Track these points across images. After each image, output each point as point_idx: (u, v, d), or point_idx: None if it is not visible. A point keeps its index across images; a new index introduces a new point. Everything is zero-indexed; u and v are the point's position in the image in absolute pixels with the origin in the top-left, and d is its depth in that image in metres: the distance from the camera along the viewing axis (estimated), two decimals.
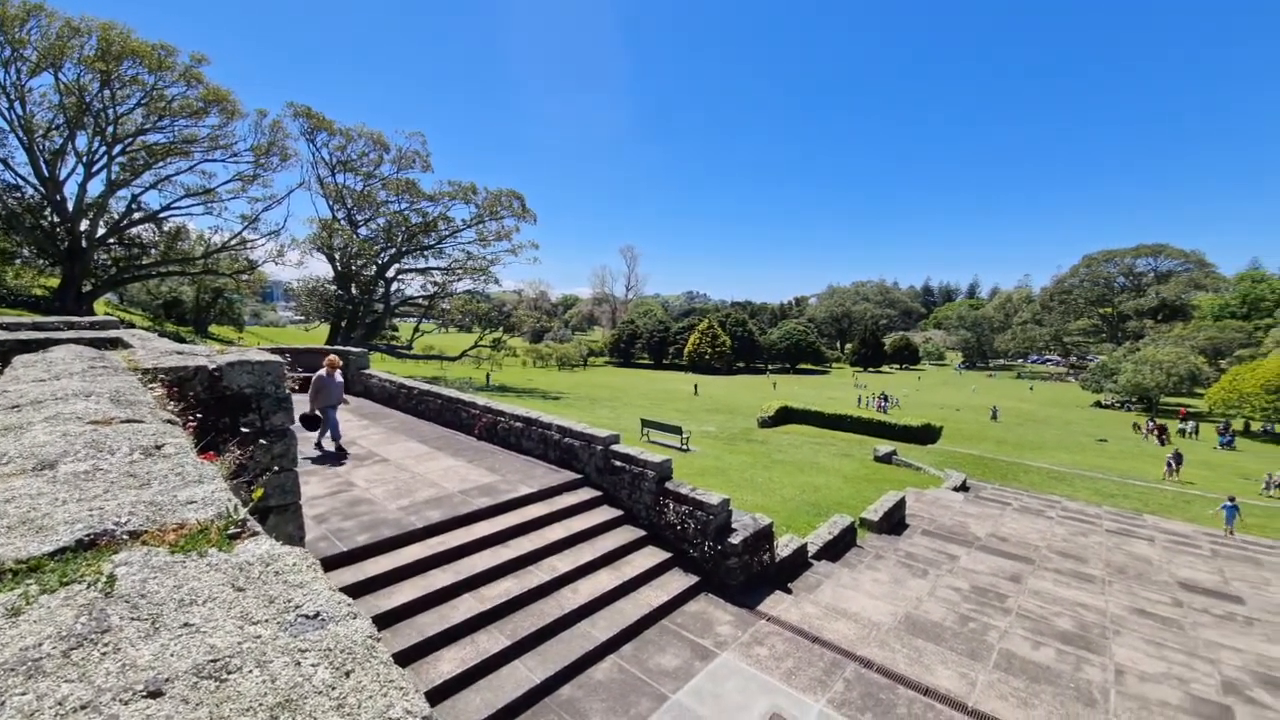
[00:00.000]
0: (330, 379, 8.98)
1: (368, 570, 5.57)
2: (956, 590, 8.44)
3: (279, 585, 1.03)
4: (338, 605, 0.98)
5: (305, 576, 1.06)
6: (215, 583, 1.06)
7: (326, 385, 8.95)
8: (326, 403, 8.96)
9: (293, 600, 1.00)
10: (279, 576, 1.06)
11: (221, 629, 0.93)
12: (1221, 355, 63.12)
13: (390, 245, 43.27)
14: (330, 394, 8.99)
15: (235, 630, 0.93)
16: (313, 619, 0.94)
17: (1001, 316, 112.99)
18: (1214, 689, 6.22)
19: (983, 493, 17.19)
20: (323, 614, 0.96)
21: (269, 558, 1.13)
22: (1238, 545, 13.66)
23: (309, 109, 37.52)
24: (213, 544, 1.20)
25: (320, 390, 8.93)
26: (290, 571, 1.08)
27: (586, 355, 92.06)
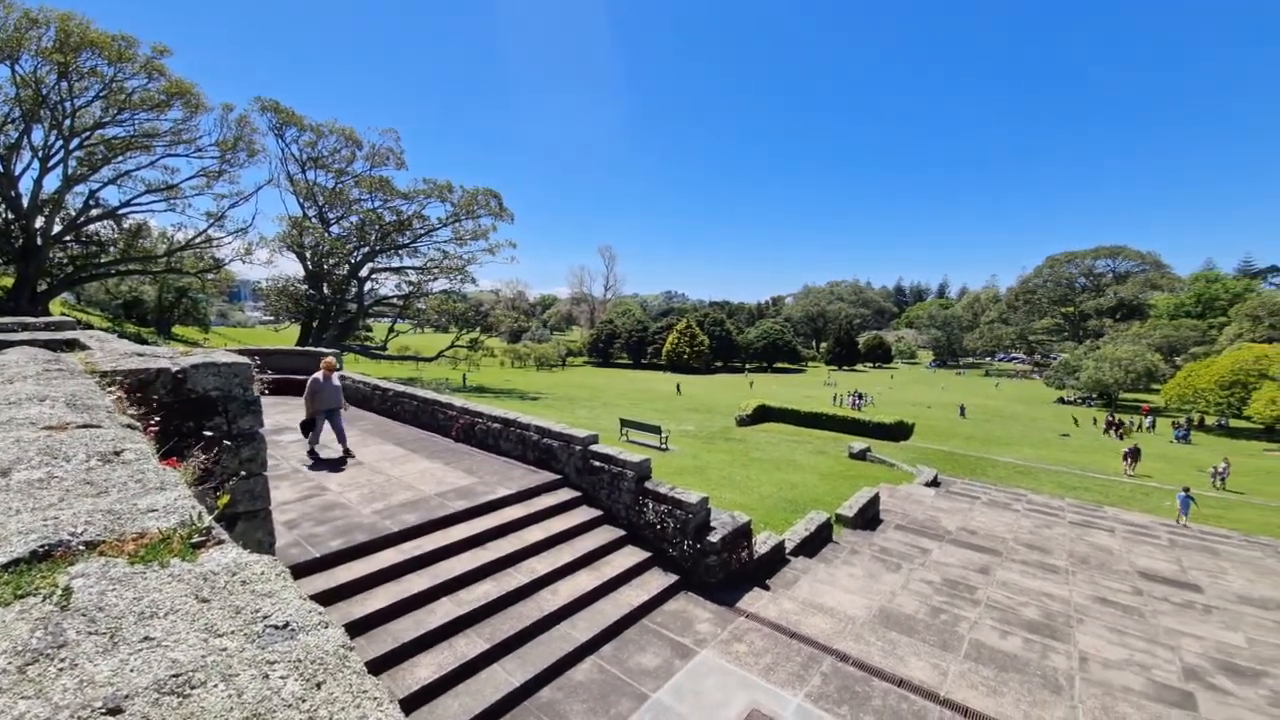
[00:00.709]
0: (327, 382, 8.59)
1: (341, 577, 5.45)
2: (929, 583, 8.63)
3: (246, 595, 1.00)
4: (308, 614, 0.95)
5: (274, 585, 1.03)
6: (178, 594, 1.02)
7: (322, 389, 8.55)
8: (322, 407, 8.59)
9: (260, 610, 0.96)
10: (246, 586, 1.03)
11: (184, 642, 0.90)
12: (1177, 352, 65.90)
13: (363, 244, 42.40)
14: (326, 398, 8.60)
15: (199, 643, 0.90)
16: (282, 629, 0.92)
17: (970, 316, 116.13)
18: (1175, 675, 6.49)
19: (953, 487, 17.63)
20: (292, 624, 0.93)
21: (235, 567, 1.10)
22: (1195, 535, 14.27)
23: (277, 103, 36.54)
24: (175, 554, 1.16)
25: (315, 394, 8.54)
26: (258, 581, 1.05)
27: (565, 355, 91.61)
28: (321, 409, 8.61)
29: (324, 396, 8.58)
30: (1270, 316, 60.96)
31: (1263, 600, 9.53)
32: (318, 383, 8.57)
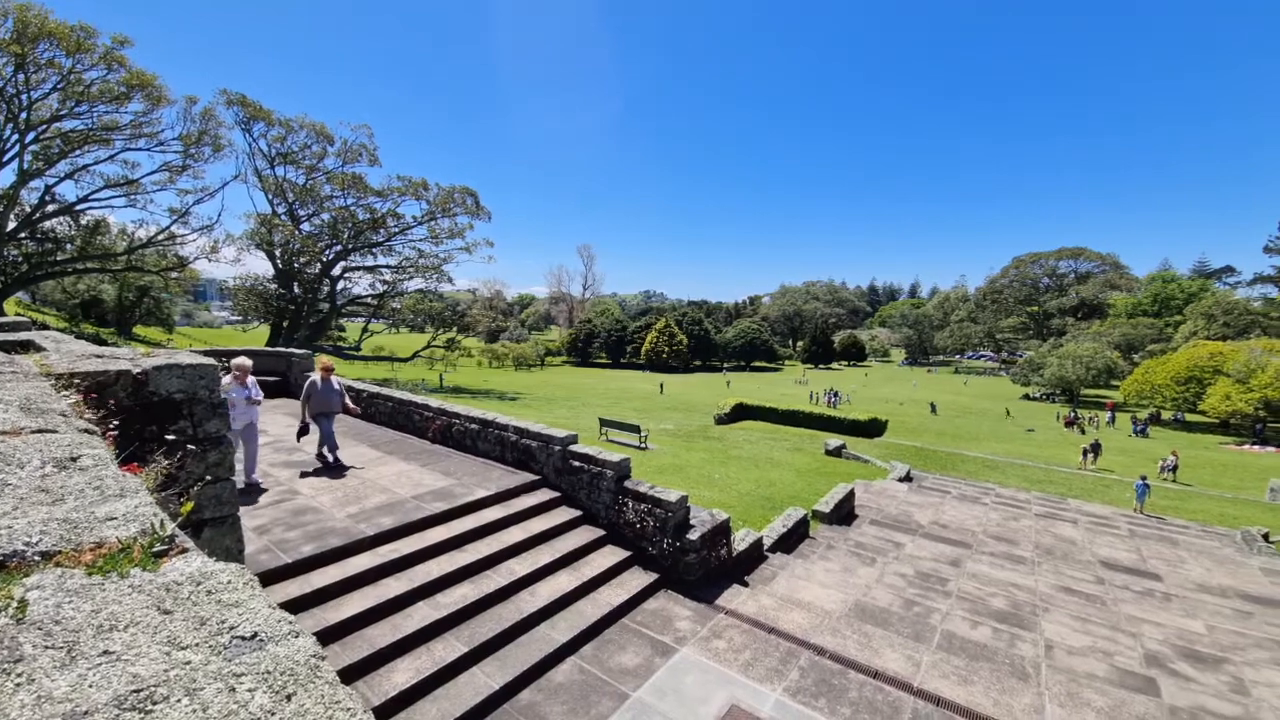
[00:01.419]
0: (326, 385, 8.17)
1: (314, 582, 5.32)
2: (902, 576, 8.82)
3: (211, 605, 0.97)
4: (277, 624, 0.92)
5: (241, 595, 0.99)
6: (138, 605, 0.98)
7: (319, 392, 8.11)
8: (319, 410, 8.15)
9: (226, 621, 0.93)
10: (211, 596, 0.99)
11: (146, 656, 0.87)
12: (1135, 350, 68.60)
13: (336, 242, 41.46)
14: (322, 401, 8.14)
15: (161, 657, 0.87)
16: (249, 640, 0.89)
17: (940, 315, 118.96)
18: (1137, 661, 6.74)
19: (925, 482, 18.03)
20: (260, 634, 0.90)
21: (200, 576, 1.06)
22: (1154, 526, 14.86)
23: (244, 97, 35.49)
24: (136, 563, 1.12)
25: (311, 397, 8.10)
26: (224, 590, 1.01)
27: (544, 355, 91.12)
28: (318, 413, 8.16)
29: (321, 399, 8.14)
30: (1224, 315, 63.79)
31: (1220, 589, 9.97)
32: (314, 385, 8.16)
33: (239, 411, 7.06)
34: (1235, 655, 7.13)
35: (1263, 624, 8.39)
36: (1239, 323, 61.81)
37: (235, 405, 7.01)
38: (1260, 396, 40.17)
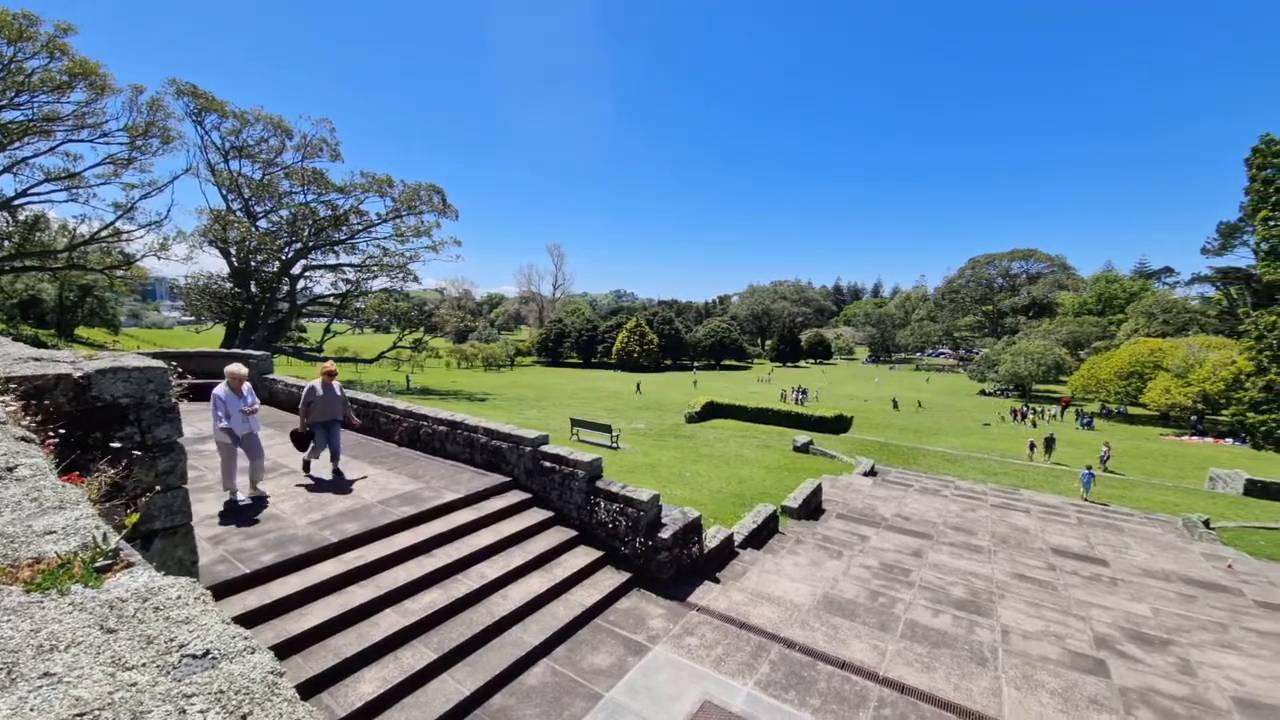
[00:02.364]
0: (325, 390, 7.68)
1: (274, 592, 5.14)
2: (868, 568, 9.06)
3: (159, 623, 0.92)
4: (231, 640, 0.89)
5: (192, 610, 0.95)
6: (80, 624, 0.93)
7: (319, 398, 7.60)
8: (319, 419, 7.64)
9: (176, 639, 0.89)
10: (159, 613, 0.94)
11: (89, 677, 0.82)
12: (1081, 346, 72.10)
13: (295, 239, 40.02)
14: (324, 407, 7.64)
15: (105, 678, 0.82)
16: (201, 658, 0.85)
17: (901, 314, 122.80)
18: (1087, 644, 7.08)
19: (888, 476, 18.55)
20: (213, 651, 0.86)
21: (146, 592, 1.01)
22: (1100, 514, 15.63)
23: (194, 87, 33.90)
24: (77, 579, 1.06)
25: (312, 404, 7.58)
26: (173, 606, 0.97)
27: (513, 355, 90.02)
28: (318, 420, 7.63)
29: (321, 406, 7.60)
30: (1163, 313, 67.57)
31: (1164, 573, 10.55)
32: (314, 391, 7.65)
33: (237, 422, 6.72)
34: (1181, 637, 7.56)
35: (1206, 607, 8.93)
36: (1177, 320, 65.58)
37: (232, 415, 6.69)
38: (1198, 390, 42.65)
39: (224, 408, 6.62)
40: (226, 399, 6.66)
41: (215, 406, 6.61)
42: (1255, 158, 12.90)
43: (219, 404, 6.62)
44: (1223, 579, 10.44)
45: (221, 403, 6.63)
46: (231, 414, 6.63)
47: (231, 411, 6.65)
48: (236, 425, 6.68)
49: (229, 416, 6.65)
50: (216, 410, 6.59)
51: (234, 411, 6.66)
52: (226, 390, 6.73)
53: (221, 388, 6.76)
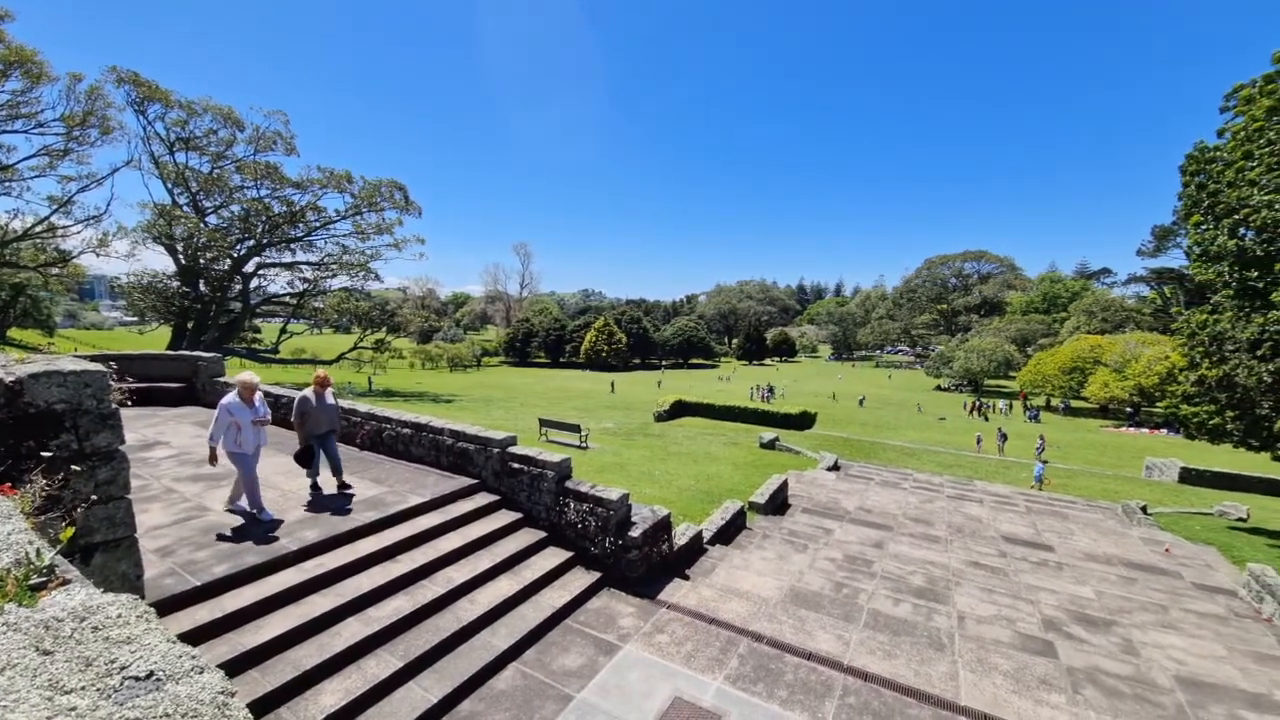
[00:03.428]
0: (320, 400, 7.20)
1: (228, 605, 4.92)
2: (832, 560, 9.28)
3: (98, 643, 0.86)
4: (177, 660, 0.84)
5: (134, 629, 0.90)
6: (14, 646, 0.87)
7: (314, 409, 7.14)
8: (316, 431, 7.19)
9: (117, 660, 0.83)
10: (99, 633, 0.89)
11: (25, 702, 0.77)
12: (1028, 343, 75.69)
13: (248, 236, 38.36)
14: (319, 419, 7.19)
15: (43, 703, 0.77)
16: (144, 680, 0.80)
17: (862, 313, 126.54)
18: (1037, 626, 7.43)
19: (851, 470, 19.06)
20: (158, 673, 0.81)
21: (85, 610, 0.95)
22: (1046, 502, 16.42)
23: (137, 75, 32.10)
24: (10, 598, 0.99)
25: (306, 415, 7.11)
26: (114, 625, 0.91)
27: (480, 355, 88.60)
28: (316, 433, 7.19)
29: (317, 417, 7.15)
30: (1102, 312, 71.54)
31: (1106, 557, 11.15)
32: (307, 402, 7.11)
33: (247, 434, 6.28)
34: (1123, 618, 8.01)
35: (1145, 589, 9.48)
36: (1115, 318, 69.52)
37: (242, 427, 6.25)
38: (1134, 384, 45.32)
39: (233, 420, 6.16)
40: (236, 410, 6.21)
41: (221, 418, 6.12)
42: (1189, 164, 13.75)
43: (226, 415, 6.14)
44: (1161, 562, 11.11)
45: (229, 414, 6.16)
46: (243, 426, 6.20)
47: (243, 424, 6.21)
48: (248, 439, 6.26)
49: (240, 429, 6.20)
50: (223, 423, 6.11)
51: (245, 424, 6.23)
52: (236, 401, 6.27)
53: (231, 398, 6.28)
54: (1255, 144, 11.54)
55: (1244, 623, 8.19)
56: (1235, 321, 12.51)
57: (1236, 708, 5.69)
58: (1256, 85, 11.94)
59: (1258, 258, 11.76)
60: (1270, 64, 11.50)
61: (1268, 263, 11.53)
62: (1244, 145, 11.88)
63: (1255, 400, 12.16)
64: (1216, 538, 13.54)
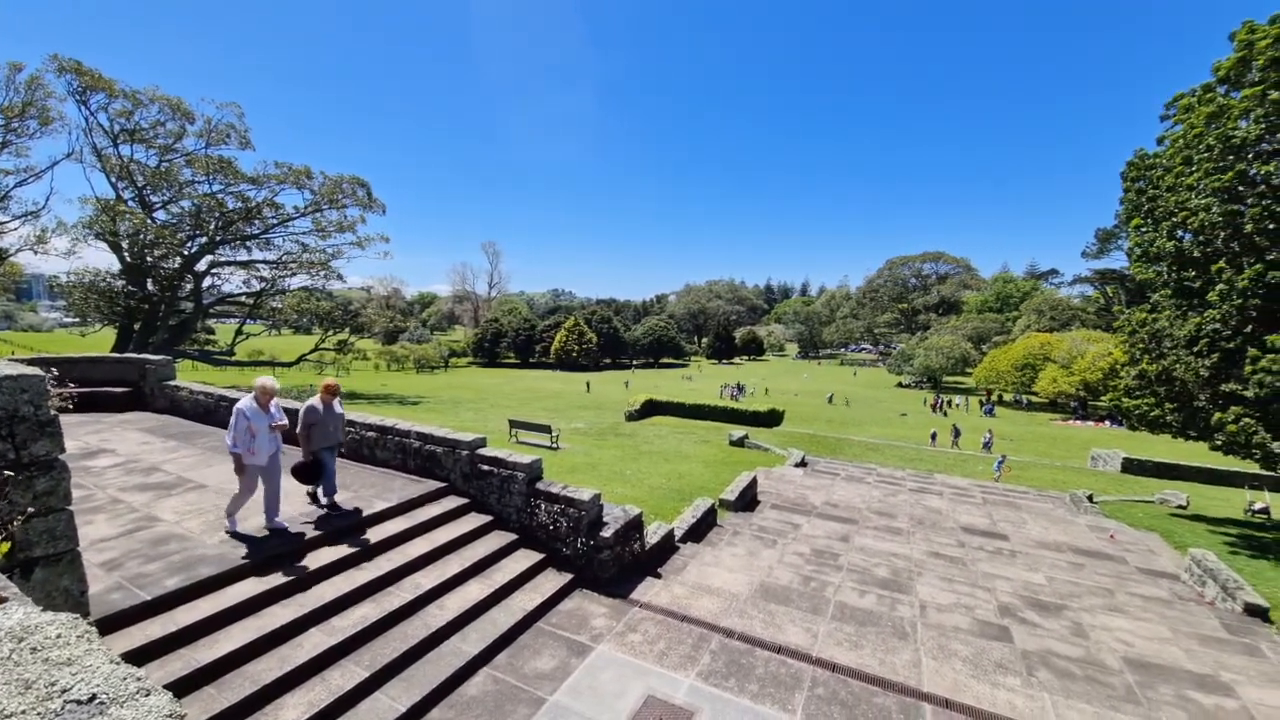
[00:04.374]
0: (328, 410, 6.81)
1: (182, 619, 4.71)
2: (800, 555, 9.47)
3: (37, 665, 0.81)
4: (121, 681, 0.79)
5: (75, 650, 0.84)
6: None
7: (322, 419, 6.73)
8: (325, 443, 6.79)
9: (58, 683, 0.78)
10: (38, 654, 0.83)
11: None
12: (983, 341, 78.77)
13: (200, 233, 36.66)
14: (328, 430, 6.80)
15: None
16: (86, 704, 0.75)
17: (827, 312, 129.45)
18: (993, 612, 7.74)
19: (818, 466, 19.47)
20: (100, 696, 0.76)
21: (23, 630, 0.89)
22: (1000, 493, 17.10)
23: (79, 64, 30.31)
24: None
25: (314, 426, 6.68)
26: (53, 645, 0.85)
27: (448, 356, 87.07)
28: (324, 445, 6.79)
29: (325, 428, 6.77)
30: (1051, 310, 74.99)
31: (1056, 544, 11.69)
32: (315, 411, 6.69)
33: (261, 441, 5.95)
34: (1073, 602, 8.41)
35: (1093, 574, 9.97)
36: (1062, 316, 72.96)
37: (257, 434, 5.92)
38: (1080, 379, 47.62)
39: (250, 425, 5.84)
40: (253, 415, 5.89)
41: (239, 424, 5.79)
42: (1130, 170, 14.54)
43: (244, 421, 5.81)
44: (1107, 548, 11.72)
45: (246, 419, 5.83)
46: (258, 433, 5.89)
47: (258, 430, 5.90)
48: (263, 446, 5.95)
49: (255, 436, 5.87)
50: (241, 428, 5.78)
51: (261, 430, 5.93)
52: (253, 405, 5.94)
53: (247, 401, 5.95)
54: (1194, 150, 12.25)
55: (1187, 605, 8.71)
56: (1173, 319, 13.28)
57: (1184, 688, 6.01)
58: (1196, 94, 12.69)
59: (1194, 259, 12.50)
60: (1209, 74, 12.25)
61: (1204, 263, 12.27)
62: (1183, 151, 12.61)
63: (1192, 393, 12.93)
64: (1158, 524, 14.36)
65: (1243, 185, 11.25)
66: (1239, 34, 11.60)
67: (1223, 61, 11.88)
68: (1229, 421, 11.53)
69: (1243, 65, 11.50)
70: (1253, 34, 11.27)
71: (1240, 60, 11.49)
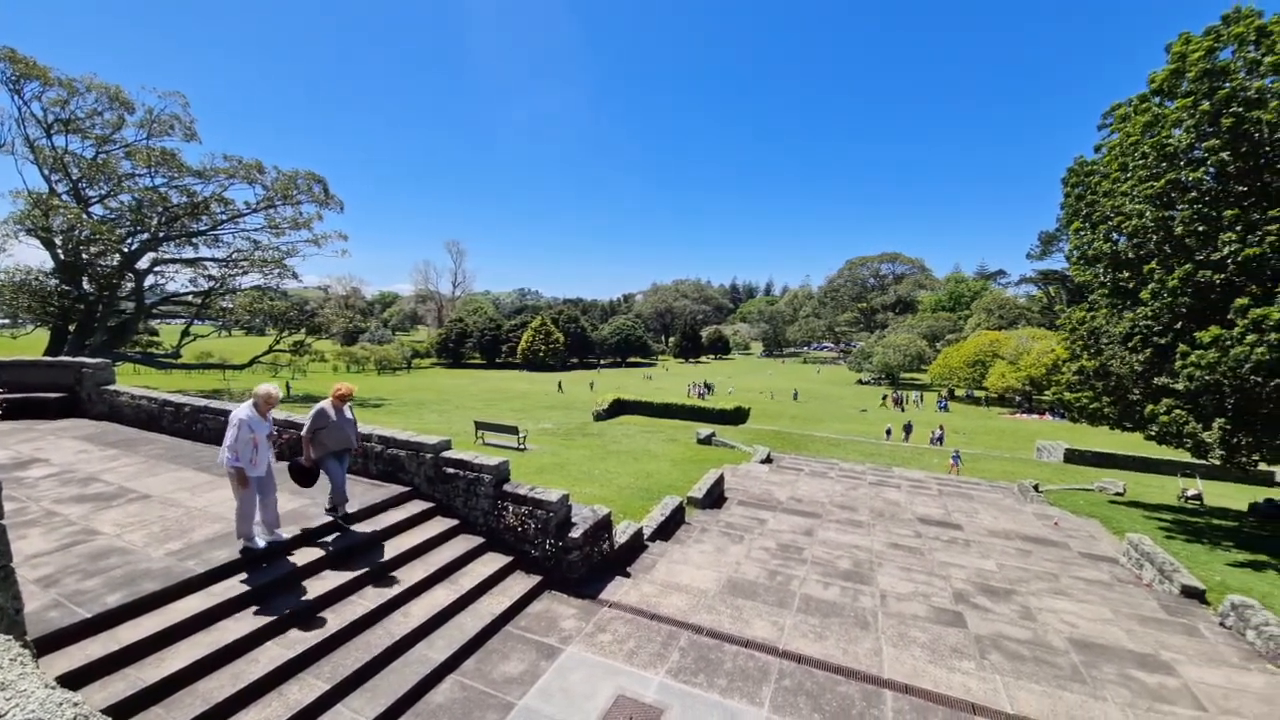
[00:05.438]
0: (337, 415, 6.59)
1: (125, 637, 4.48)
2: (767, 550, 9.66)
3: None
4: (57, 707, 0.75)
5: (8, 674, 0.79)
6: None
7: (333, 423, 6.52)
8: (333, 448, 6.59)
9: None
10: None
11: None
12: (938, 339, 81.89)
13: (141, 229, 34.66)
14: (336, 435, 6.57)
15: None
16: None
17: (790, 311, 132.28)
18: (949, 599, 8.07)
19: (782, 462, 19.87)
20: None
21: None
22: (954, 484, 17.81)
23: (13, 52, 28.24)
24: None
25: (321, 430, 6.48)
26: None
27: (411, 357, 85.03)
28: (332, 450, 6.59)
29: (333, 433, 6.57)
30: (999, 309, 78.55)
31: (1005, 532, 12.25)
32: (324, 415, 6.52)
33: (262, 452, 5.66)
34: (1021, 587, 8.83)
35: (1040, 560, 10.50)
36: (1010, 315, 76.52)
37: (258, 445, 5.61)
38: (1026, 375, 50.02)
39: (253, 436, 5.53)
40: (255, 425, 5.60)
41: (242, 435, 5.48)
42: (1070, 177, 15.40)
43: (247, 431, 5.51)
44: (1052, 535, 12.36)
45: (250, 430, 5.54)
46: (260, 444, 5.61)
47: (260, 441, 5.62)
48: (262, 458, 5.67)
49: (257, 448, 5.58)
50: (240, 439, 5.47)
51: (262, 440, 5.66)
52: (254, 414, 5.65)
53: (246, 409, 5.64)
54: (1130, 157, 13.01)
55: (1126, 588, 9.26)
56: (1110, 317, 14.11)
57: (1126, 667, 6.37)
58: (1132, 104, 13.48)
59: (1129, 260, 13.29)
60: (1145, 85, 13.02)
61: (1137, 264, 13.05)
62: (1120, 159, 13.39)
63: (1128, 387, 13.75)
64: (1098, 511, 15.21)
65: (1175, 191, 11.98)
66: (1174, 46, 12.33)
67: (1158, 73, 12.62)
68: (1162, 413, 12.31)
69: (1176, 76, 12.20)
70: (1187, 45, 11.98)
71: (1174, 72, 12.20)
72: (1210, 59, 11.53)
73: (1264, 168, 11.16)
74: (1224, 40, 11.62)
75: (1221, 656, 6.78)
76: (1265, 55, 10.99)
